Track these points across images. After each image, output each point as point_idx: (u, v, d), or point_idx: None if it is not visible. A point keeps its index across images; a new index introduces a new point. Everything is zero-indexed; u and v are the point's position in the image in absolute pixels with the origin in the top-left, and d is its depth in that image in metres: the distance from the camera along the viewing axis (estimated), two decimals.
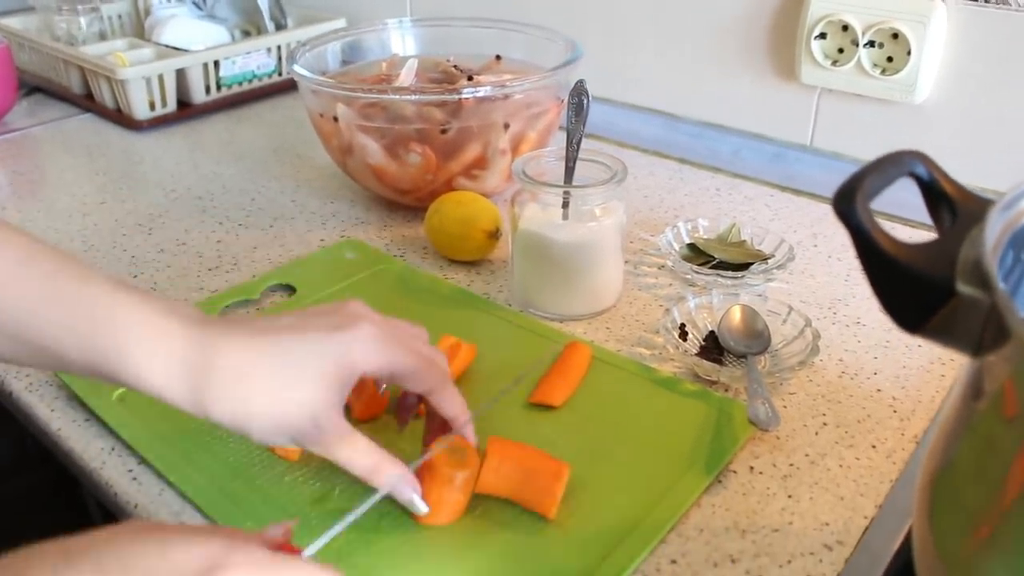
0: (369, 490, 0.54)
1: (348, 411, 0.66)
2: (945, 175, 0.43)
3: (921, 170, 0.43)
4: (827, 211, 0.99)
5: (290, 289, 0.84)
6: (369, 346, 0.52)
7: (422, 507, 0.55)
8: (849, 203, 0.38)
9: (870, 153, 0.98)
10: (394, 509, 0.57)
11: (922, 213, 0.43)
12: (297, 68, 0.94)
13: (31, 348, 0.51)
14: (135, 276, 0.87)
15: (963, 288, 0.37)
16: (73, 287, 0.50)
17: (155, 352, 0.49)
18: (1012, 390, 0.36)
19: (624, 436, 0.64)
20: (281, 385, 0.50)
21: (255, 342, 0.51)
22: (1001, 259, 0.40)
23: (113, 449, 0.65)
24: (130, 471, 0.63)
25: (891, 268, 0.38)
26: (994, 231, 0.38)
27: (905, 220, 0.95)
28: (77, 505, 0.82)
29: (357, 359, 0.52)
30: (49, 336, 0.50)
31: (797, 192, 1.04)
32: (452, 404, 0.58)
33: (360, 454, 0.53)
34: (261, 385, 0.50)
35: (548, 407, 0.67)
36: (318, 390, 0.51)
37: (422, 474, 0.56)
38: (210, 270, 0.89)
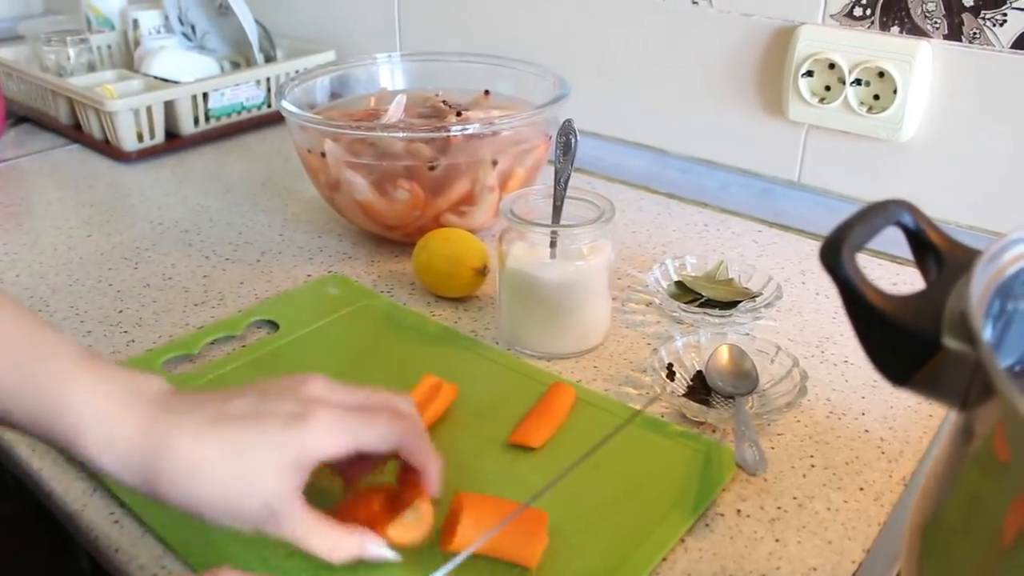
0: None
1: None
2: (932, 224, 0.43)
3: (908, 219, 0.43)
4: (814, 248, 0.99)
5: (274, 325, 0.84)
6: (325, 434, 0.52)
7: (392, 556, 0.53)
8: (836, 256, 0.38)
9: (857, 190, 1.01)
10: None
11: (905, 248, 0.43)
12: (285, 104, 0.94)
13: None
14: (120, 311, 0.87)
15: (949, 342, 0.36)
16: (32, 362, 0.51)
17: (109, 442, 0.50)
18: (1000, 446, 0.36)
19: (606, 479, 0.64)
20: (234, 477, 0.50)
21: (208, 434, 0.51)
22: (988, 308, 0.40)
23: (95, 491, 0.64)
24: (112, 514, 0.62)
25: (878, 322, 0.38)
26: (980, 284, 0.38)
27: (892, 256, 0.95)
28: (56, 533, 0.80)
29: (312, 449, 0.52)
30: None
31: (785, 228, 1.04)
32: (421, 454, 0.56)
33: (318, 537, 0.52)
34: (213, 479, 0.50)
35: (528, 448, 0.67)
36: (272, 482, 0.50)
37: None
38: (196, 305, 0.88)
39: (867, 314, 0.38)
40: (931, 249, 0.42)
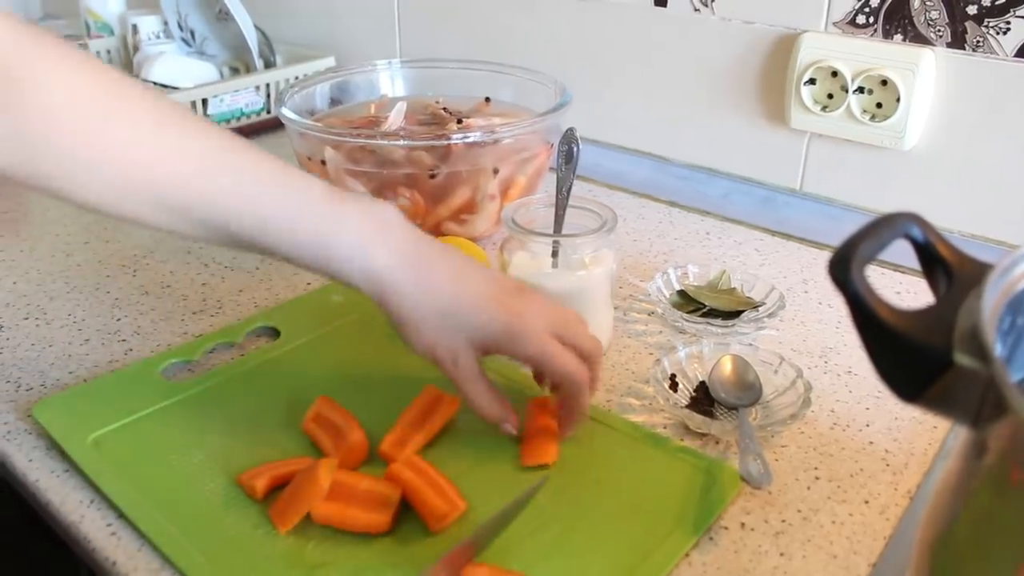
0: (343, 544, 0.56)
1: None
2: (941, 238, 0.42)
3: (916, 232, 0.42)
4: (817, 256, 0.99)
5: (274, 332, 0.83)
6: (522, 341, 0.63)
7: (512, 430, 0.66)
8: (845, 270, 0.38)
9: (860, 198, 1.00)
10: None
11: (909, 257, 0.43)
12: (285, 111, 0.93)
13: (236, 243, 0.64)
14: (118, 319, 0.86)
15: (960, 359, 0.36)
16: (297, 204, 0.62)
17: (366, 271, 0.63)
18: (1014, 465, 0.35)
19: (608, 496, 0.63)
20: (433, 332, 0.63)
21: (429, 291, 0.63)
22: (998, 324, 0.39)
23: (92, 502, 0.63)
24: (109, 525, 0.61)
25: (888, 338, 0.37)
26: (991, 299, 0.38)
27: (895, 266, 0.95)
28: (54, 544, 0.80)
29: (504, 345, 0.63)
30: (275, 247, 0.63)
31: (787, 237, 1.04)
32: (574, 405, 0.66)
33: (481, 398, 0.65)
34: (423, 323, 0.63)
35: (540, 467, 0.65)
36: (464, 348, 0.63)
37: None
38: (194, 313, 0.88)
39: (877, 330, 0.38)
40: (940, 263, 0.42)
